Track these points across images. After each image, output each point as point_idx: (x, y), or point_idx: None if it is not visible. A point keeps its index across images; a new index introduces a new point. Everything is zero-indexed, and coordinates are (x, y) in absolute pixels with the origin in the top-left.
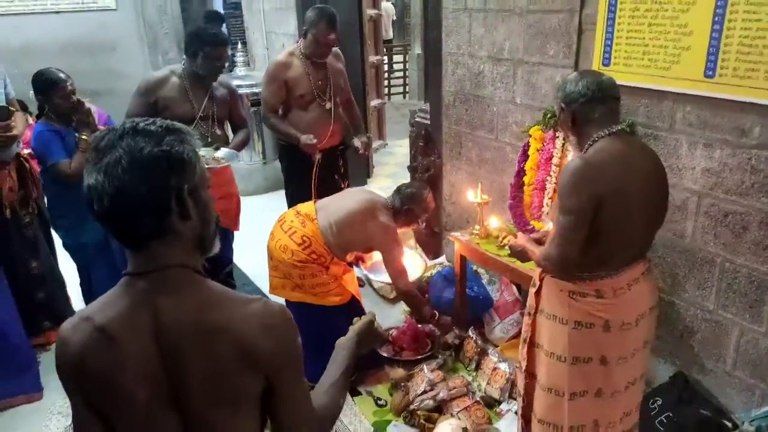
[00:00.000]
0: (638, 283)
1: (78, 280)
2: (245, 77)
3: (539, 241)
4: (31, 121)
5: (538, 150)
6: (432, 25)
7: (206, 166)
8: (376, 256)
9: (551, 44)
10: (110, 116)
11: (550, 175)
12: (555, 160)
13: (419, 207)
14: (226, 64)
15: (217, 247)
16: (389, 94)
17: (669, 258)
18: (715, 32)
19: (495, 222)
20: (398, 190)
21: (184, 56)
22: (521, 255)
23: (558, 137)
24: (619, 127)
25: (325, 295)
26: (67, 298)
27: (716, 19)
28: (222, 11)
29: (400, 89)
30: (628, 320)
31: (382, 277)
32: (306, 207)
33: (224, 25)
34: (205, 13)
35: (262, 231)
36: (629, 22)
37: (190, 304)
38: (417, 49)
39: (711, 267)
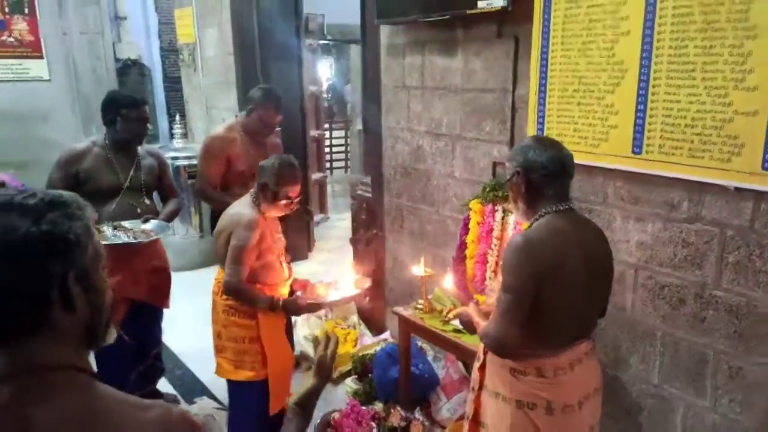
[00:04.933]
0: (581, 363)
1: None
2: (183, 149)
3: (487, 314)
4: None
5: (478, 223)
6: (371, 101)
7: (135, 240)
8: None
9: (487, 121)
10: (24, 185)
11: (492, 248)
12: (495, 233)
13: (272, 177)
14: (149, 125)
15: (111, 338)
16: (331, 169)
17: (611, 331)
18: (640, 112)
19: (449, 282)
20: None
21: (105, 127)
22: (470, 326)
23: (497, 210)
24: (567, 206)
25: (241, 365)
26: None
27: (640, 99)
28: (162, 84)
29: (342, 164)
30: (570, 402)
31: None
32: None
33: (146, 107)
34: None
35: (196, 308)
36: (559, 102)
37: (72, 418)
38: (358, 125)
39: (652, 340)
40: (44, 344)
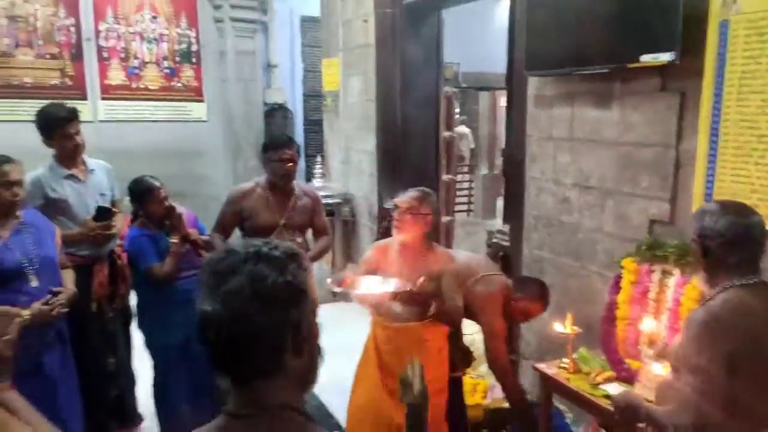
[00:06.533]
0: None
1: (149, 381)
2: (321, 188)
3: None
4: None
5: (631, 283)
6: (515, 151)
7: None
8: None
9: (644, 176)
10: (197, 217)
11: (647, 311)
12: (652, 295)
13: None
14: (292, 165)
15: (317, 381)
16: (454, 211)
17: None
18: None
19: (650, 324)
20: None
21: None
22: (630, 413)
23: (654, 271)
24: (757, 280)
25: None
26: (134, 398)
27: None
28: (302, 126)
29: (464, 207)
30: None
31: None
32: None
33: (297, 148)
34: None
35: (329, 341)
36: (733, 160)
37: None
38: (483, 170)
39: None
40: (274, 386)
